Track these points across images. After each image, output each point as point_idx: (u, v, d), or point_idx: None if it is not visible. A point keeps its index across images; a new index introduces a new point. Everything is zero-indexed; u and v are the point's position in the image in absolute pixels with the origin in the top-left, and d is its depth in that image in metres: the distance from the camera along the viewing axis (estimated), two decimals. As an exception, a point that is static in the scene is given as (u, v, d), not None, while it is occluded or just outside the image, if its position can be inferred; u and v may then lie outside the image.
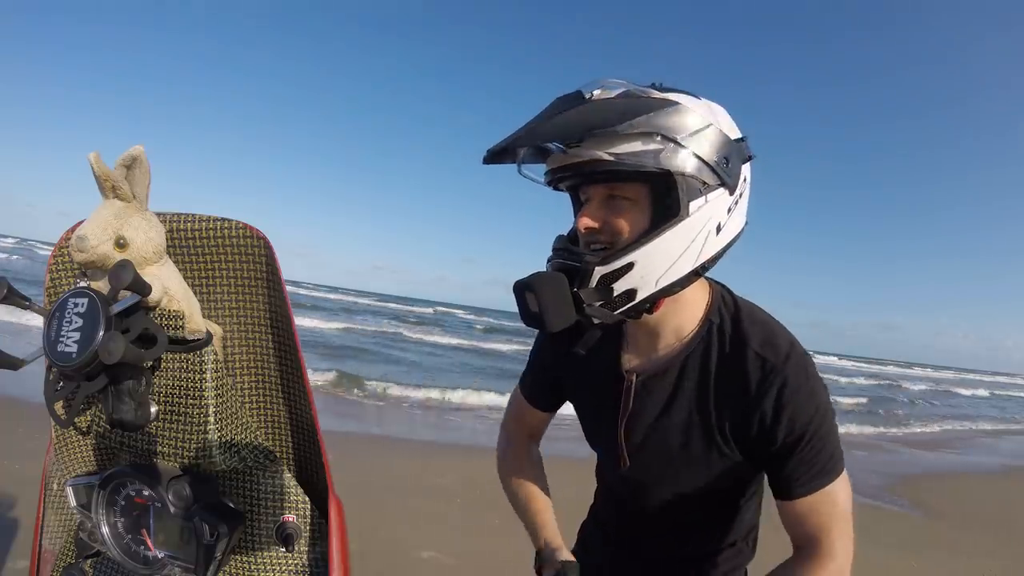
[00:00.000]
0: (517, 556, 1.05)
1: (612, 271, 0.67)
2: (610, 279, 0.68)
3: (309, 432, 0.90)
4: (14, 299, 0.67)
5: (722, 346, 0.77)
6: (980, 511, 4.92)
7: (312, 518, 0.83)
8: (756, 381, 0.74)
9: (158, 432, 0.77)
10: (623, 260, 0.67)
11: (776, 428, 0.73)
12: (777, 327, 0.78)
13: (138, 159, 0.70)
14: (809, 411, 0.73)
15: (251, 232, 0.82)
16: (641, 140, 0.65)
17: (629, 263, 0.67)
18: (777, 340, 0.75)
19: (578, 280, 0.68)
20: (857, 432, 9.13)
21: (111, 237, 0.68)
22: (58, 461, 0.87)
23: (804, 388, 0.73)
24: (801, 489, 0.74)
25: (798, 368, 0.73)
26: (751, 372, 0.74)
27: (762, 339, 0.75)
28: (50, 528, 0.92)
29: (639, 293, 0.69)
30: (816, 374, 0.75)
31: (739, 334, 0.76)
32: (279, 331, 0.87)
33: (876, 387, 20.85)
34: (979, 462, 7.59)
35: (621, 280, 0.68)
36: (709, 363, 0.77)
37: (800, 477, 0.74)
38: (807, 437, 0.73)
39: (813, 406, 0.73)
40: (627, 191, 0.70)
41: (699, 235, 0.69)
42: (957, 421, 12.33)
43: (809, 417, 0.73)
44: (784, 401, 0.72)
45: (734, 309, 0.79)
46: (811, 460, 0.73)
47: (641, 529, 0.94)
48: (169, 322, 0.72)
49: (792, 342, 0.76)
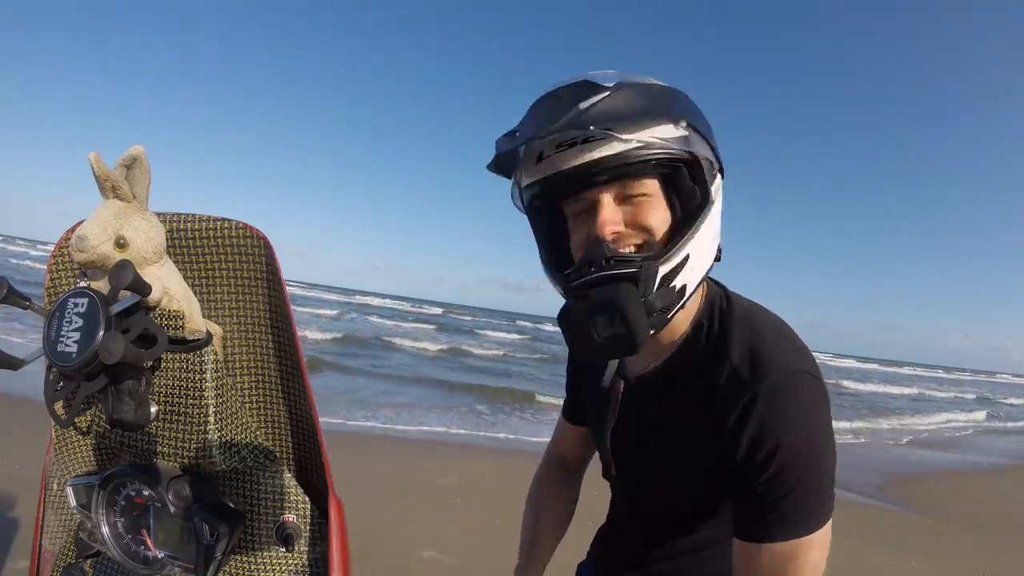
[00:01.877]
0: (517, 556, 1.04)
1: (672, 268, 0.62)
2: (669, 277, 0.62)
3: (309, 432, 0.91)
4: (14, 299, 0.67)
5: (705, 353, 0.69)
6: (980, 511, 4.93)
7: (312, 518, 0.83)
8: (721, 395, 0.65)
9: (158, 432, 0.77)
10: (681, 253, 0.62)
11: (736, 445, 0.63)
12: (772, 337, 0.67)
13: (138, 159, 0.70)
14: (777, 432, 0.61)
15: (251, 232, 0.82)
16: (673, 125, 0.62)
17: (686, 256, 0.63)
18: (762, 353, 0.64)
19: (642, 285, 0.61)
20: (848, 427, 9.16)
21: (111, 237, 0.68)
22: (58, 461, 0.87)
23: (778, 414, 0.61)
24: (765, 532, 0.61)
25: (777, 382, 0.62)
26: (721, 384, 0.65)
27: (745, 351, 0.65)
28: (50, 528, 0.92)
29: (688, 287, 0.65)
30: (809, 400, 0.62)
31: (724, 341, 0.68)
32: (279, 331, 0.87)
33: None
34: (979, 461, 7.59)
35: (678, 277, 0.63)
36: (691, 370, 0.70)
37: (755, 518, 0.62)
38: (771, 471, 0.61)
39: (783, 426, 0.61)
40: (643, 187, 0.64)
41: (719, 220, 0.67)
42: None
43: (775, 446, 0.60)
44: (748, 424, 0.62)
45: (727, 311, 0.71)
46: (773, 503, 0.61)
47: (641, 534, 0.94)
48: (169, 322, 0.72)
49: (783, 358, 0.64)
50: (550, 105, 0.61)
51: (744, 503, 0.64)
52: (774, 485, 0.61)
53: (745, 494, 0.64)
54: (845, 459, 6.72)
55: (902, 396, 19.20)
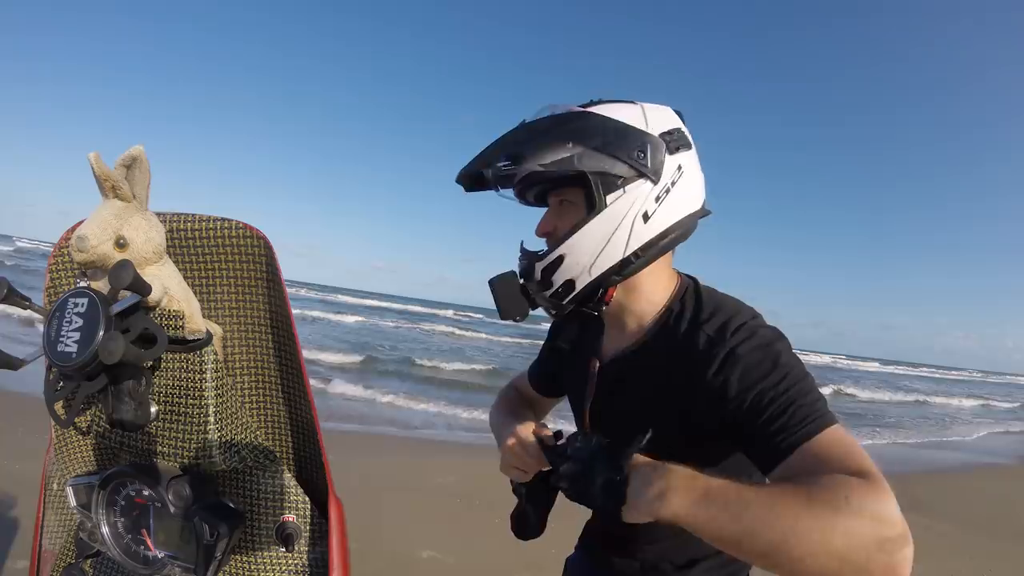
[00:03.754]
0: (517, 556, 1.04)
1: (548, 264, 0.77)
2: (549, 272, 0.77)
3: (309, 432, 0.91)
4: (14, 299, 0.67)
5: (678, 331, 0.78)
6: (980, 511, 4.93)
7: (312, 518, 0.83)
8: (701, 358, 0.73)
9: (158, 432, 0.77)
10: (555, 254, 0.76)
11: (726, 396, 0.70)
12: (734, 307, 0.78)
13: (138, 159, 0.70)
14: (762, 370, 0.69)
15: (251, 232, 0.82)
16: (560, 148, 0.74)
17: (560, 256, 0.76)
18: (727, 317, 0.75)
19: (524, 276, 0.79)
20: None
21: (111, 237, 0.68)
22: (58, 461, 0.87)
23: (753, 351, 0.70)
24: (787, 442, 0.64)
25: (745, 335, 0.72)
26: (700, 349, 0.74)
27: (714, 319, 0.76)
28: (50, 528, 0.92)
29: (577, 283, 0.77)
30: (772, 339, 0.72)
31: (695, 318, 0.78)
32: (279, 331, 0.87)
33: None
34: (979, 461, 7.59)
35: (557, 272, 0.77)
36: (666, 348, 0.79)
37: (779, 435, 0.65)
38: (768, 394, 0.67)
39: (768, 364, 0.69)
40: (569, 195, 0.79)
41: (622, 224, 0.75)
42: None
43: (763, 374, 0.68)
44: (729, 367, 0.70)
45: (696, 297, 0.81)
46: (785, 418, 0.65)
47: (631, 531, 0.94)
48: (169, 322, 0.72)
49: (745, 318, 0.75)
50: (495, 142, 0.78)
51: (753, 444, 0.69)
52: (773, 413, 0.66)
53: (751, 436, 0.68)
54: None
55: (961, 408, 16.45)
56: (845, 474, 0.57)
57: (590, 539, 1.07)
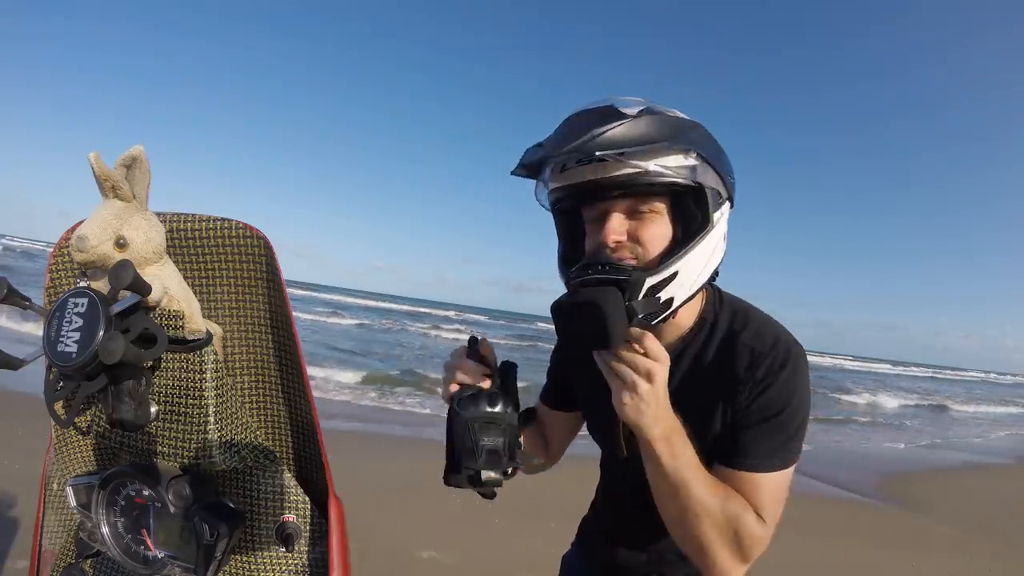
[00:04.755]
0: (518, 556, 1.04)
1: (660, 280, 0.71)
2: (656, 288, 0.71)
3: (309, 432, 0.91)
4: (14, 299, 0.67)
5: (715, 340, 0.83)
6: (980, 511, 4.93)
7: (312, 518, 0.83)
8: (744, 367, 0.79)
9: (158, 432, 0.77)
10: (670, 270, 0.71)
11: (753, 402, 0.78)
12: (768, 323, 0.84)
13: (138, 159, 0.70)
14: (786, 396, 0.77)
15: (251, 232, 0.82)
16: (683, 155, 0.71)
17: (674, 272, 0.71)
18: (766, 332, 0.82)
19: (628, 292, 0.69)
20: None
21: (111, 237, 0.68)
22: (58, 461, 0.87)
23: (788, 373, 0.78)
24: (741, 463, 0.78)
25: (786, 355, 0.79)
26: (740, 359, 0.80)
27: (752, 332, 0.82)
28: (50, 528, 0.92)
29: (676, 300, 0.74)
30: (803, 369, 0.80)
31: (731, 328, 0.83)
32: (279, 331, 0.87)
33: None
34: (979, 461, 7.59)
35: (665, 289, 0.72)
36: (703, 355, 0.83)
37: (753, 451, 0.77)
38: (774, 416, 0.77)
39: (790, 391, 0.78)
40: (652, 205, 0.74)
41: (719, 243, 0.76)
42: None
43: (785, 402, 0.77)
44: (768, 380, 0.78)
45: (727, 307, 0.86)
46: (769, 440, 0.77)
47: (643, 524, 0.95)
48: (169, 322, 0.72)
49: (781, 335, 0.81)
50: (572, 125, 0.69)
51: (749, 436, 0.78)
52: (779, 426, 0.77)
53: (750, 428, 0.78)
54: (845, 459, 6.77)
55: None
56: (756, 514, 0.75)
57: (590, 535, 1.07)
